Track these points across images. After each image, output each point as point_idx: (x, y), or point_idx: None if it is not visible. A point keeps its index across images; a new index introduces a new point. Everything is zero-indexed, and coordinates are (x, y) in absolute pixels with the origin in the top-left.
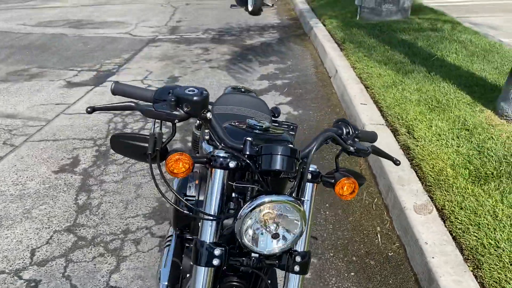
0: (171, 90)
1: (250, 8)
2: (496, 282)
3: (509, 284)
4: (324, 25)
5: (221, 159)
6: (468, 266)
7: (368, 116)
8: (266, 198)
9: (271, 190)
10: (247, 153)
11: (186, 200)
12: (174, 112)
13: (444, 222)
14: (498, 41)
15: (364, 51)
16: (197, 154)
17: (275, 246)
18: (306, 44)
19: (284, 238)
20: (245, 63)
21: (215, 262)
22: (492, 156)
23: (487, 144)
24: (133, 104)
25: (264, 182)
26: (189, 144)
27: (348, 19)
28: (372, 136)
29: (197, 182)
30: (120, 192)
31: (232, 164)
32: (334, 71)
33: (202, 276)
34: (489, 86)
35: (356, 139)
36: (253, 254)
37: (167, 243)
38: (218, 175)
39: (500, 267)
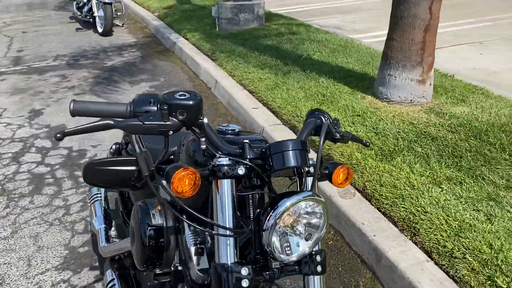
0: (152, 99)
1: (100, 30)
2: (435, 243)
3: (447, 241)
4: (187, 39)
5: (225, 167)
6: (406, 236)
7: (264, 119)
8: (288, 202)
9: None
10: (250, 157)
11: (155, 229)
12: (168, 123)
13: (370, 201)
14: (349, 38)
15: (237, 59)
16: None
17: (306, 248)
18: (173, 59)
19: (310, 236)
20: (113, 85)
21: (245, 284)
22: (388, 135)
23: (380, 125)
24: (111, 122)
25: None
26: None
27: (208, 31)
28: (337, 122)
29: (159, 208)
30: (15, 249)
31: (241, 171)
32: (213, 81)
33: None
34: (359, 75)
35: (336, 126)
36: (274, 265)
37: (95, 199)
38: (226, 186)
39: (434, 228)
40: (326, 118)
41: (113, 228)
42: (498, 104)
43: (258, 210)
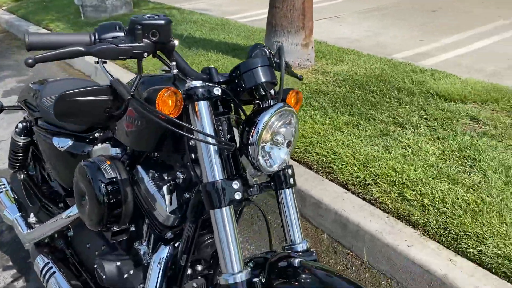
0: (117, 25)
1: None
2: (349, 176)
3: (358, 173)
4: (50, 30)
5: (201, 89)
6: (322, 176)
7: None
8: (266, 116)
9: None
10: (219, 80)
11: (110, 184)
12: (142, 44)
13: None
14: (224, 18)
15: None
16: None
17: (285, 156)
18: (37, 52)
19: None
20: None
21: (238, 196)
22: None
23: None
24: (82, 49)
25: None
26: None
27: (73, 20)
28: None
29: (108, 162)
30: None
31: (217, 92)
32: (92, 68)
33: (226, 217)
34: (245, 47)
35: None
36: (252, 182)
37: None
38: (204, 108)
39: (345, 165)
40: (270, 50)
41: (31, 215)
42: (369, 60)
43: (228, 135)
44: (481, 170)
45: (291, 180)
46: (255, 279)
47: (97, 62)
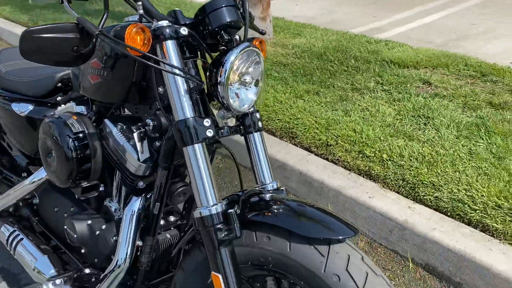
0: None
1: None
2: (311, 140)
3: (320, 136)
4: None
5: (167, 29)
6: (286, 141)
7: None
8: (232, 56)
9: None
10: (185, 22)
11: (77, 138)
12: None
13: None
14: None
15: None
16: None
17: (254, 96)
18: None
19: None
20: None
21: (210, 133)
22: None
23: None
24: None
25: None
26: None
27: (21, 4)
28: None
29: (75, 117)
30: None
31: (184, 32)
32: None
33: (199, 153)
34: None
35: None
36: (221, 124)
37: None
38: (172, 47)
39: (307, 129)
40: None
41: None
42: (326, 34)
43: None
44: (434, 126)
45: (259, 124)
46: (230, 210)
47: (62, 2)
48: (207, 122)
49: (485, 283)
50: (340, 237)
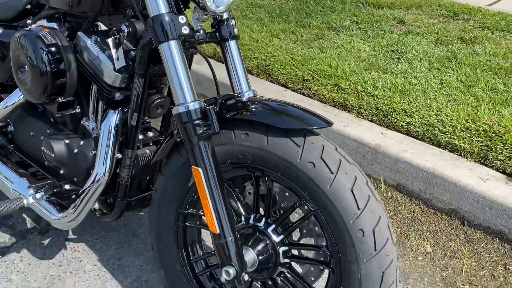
0: None
1: None
2: (287, 76)
3: (296, 72)
4: None
5: None
6: (263, 78)
7: None
8: None
9: None
10: None
11: (51, 51)
12: None
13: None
14: None
15: None
16: None
17: None
18: None
19: None
20: None
21: (185, 30)
22: None
23: None
24: None
25: None
26: None
27: None
28: None
29: (47, 30)
30: None
31: None
32: None
33: (175, 50)
34: None
35: None
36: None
37: None
38: None
39: (283, 66)
40: None
41: None
42: None
43: None
44: (408, 60)
45: (235, 31)
46: (208, 107)
47: None
48: (182, 19)
49: (452, 196)
50: (315, 127)
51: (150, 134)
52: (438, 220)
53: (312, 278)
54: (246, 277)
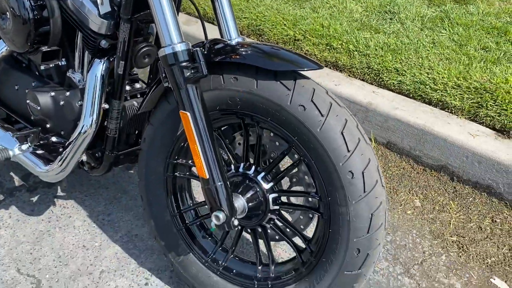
0: None
1: None
2: (279, 36)
3: (287, 31)
4: None
5: None
6: (253, 39)
7: None
8: None
9: None
10: None
11: None
12: None
13: (213, 23)
14: None
15: None
16: None
17: None
18: None
19: None
20: None
21: None
22: None
23: None
24: None
25: None
26: None
27: None
28: None
29: None
30: None
31: None
32: None
33: None
34: None
35: None
36: None
37: None
38: None
39: (275, 26)
40: None
41: None
42: None
43: None
44: (400, 20)
45: None
46: (196, 48)
47: None
48: None
49: (442, 152)
50: (306, 69)
51: (137, 85)
52: (428, 176)
53: (302, 227)
54: (236, 222)
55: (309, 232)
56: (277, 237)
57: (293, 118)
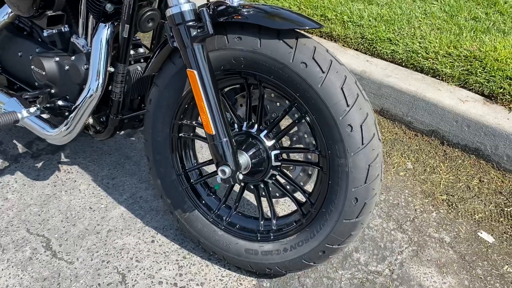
0: None
1: None
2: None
3: (282, 2)
4: None
5: None
6: None
7: None
8: None
9: None
10: None
11: None
12: None
13: None
14: None
15: None
16: None
17: None
18: None
19: None
20: None
21: None
22: None
23: None
24: None
25: None
26: None
27: None
28: None
29: None
30: None
31: None
32: None
33: None
34: None
35: None
36: None
37: None
38: None
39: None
40: None
41: None
42: None
43: None
44: None
45: None
46: (202, 8)
47: None
48: None
49: (433, 118)
50: (307, 27)
51: (141, 50)
52: (419, 140)
53: (302, 183)
54: (240, 176)
55: (308, 187)
56: (277, 194)
57: (295, 75)
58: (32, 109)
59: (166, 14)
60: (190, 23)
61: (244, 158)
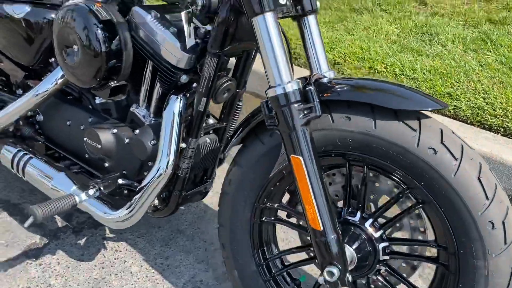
0: None
1: None
2: None
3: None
4: None
5: None
6: None
7: None
8: None
9: None
10: None
11: (106, 27)
12: None
13: None
14: None
15: None
16: None
17: None
18: None
19: None
20: None
21: (283, 0)
22: None
23: None
24: None
25: None
26: None
27: None
28: None
29: (99, 4)
30: None
31: None
32: None
33: (271, 23)
34: None
35: None
36: None
37: None
38: None
39: None
40: None
41: None
42: None
43: None
44: (440, 42)
45: (317, 4)
46: (308, 87)
47: None
48: None
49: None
50: (430, 109)
51: (210, 121)
52: None
53: (405, 275)
54: (350, 278)
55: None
56: None
57: (421, 162)
58: (91, 191)
59: (267, 94)
60: (296, 104)
61: (349, 253)
